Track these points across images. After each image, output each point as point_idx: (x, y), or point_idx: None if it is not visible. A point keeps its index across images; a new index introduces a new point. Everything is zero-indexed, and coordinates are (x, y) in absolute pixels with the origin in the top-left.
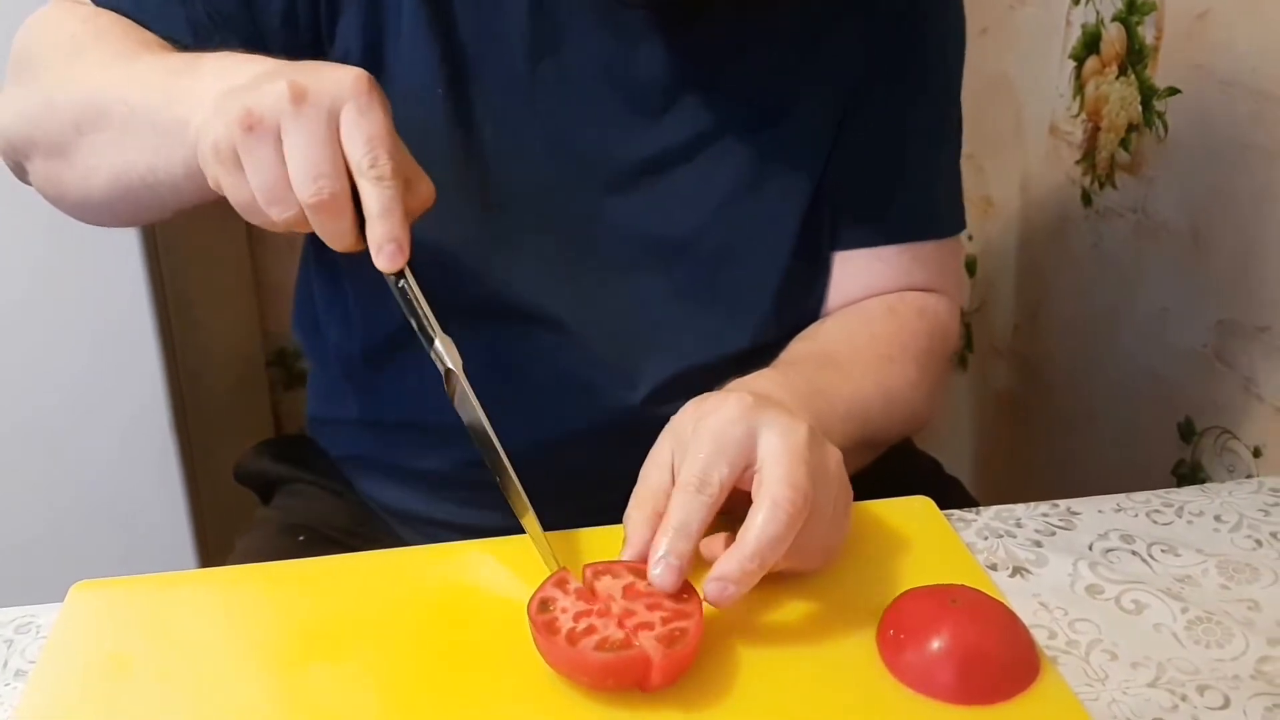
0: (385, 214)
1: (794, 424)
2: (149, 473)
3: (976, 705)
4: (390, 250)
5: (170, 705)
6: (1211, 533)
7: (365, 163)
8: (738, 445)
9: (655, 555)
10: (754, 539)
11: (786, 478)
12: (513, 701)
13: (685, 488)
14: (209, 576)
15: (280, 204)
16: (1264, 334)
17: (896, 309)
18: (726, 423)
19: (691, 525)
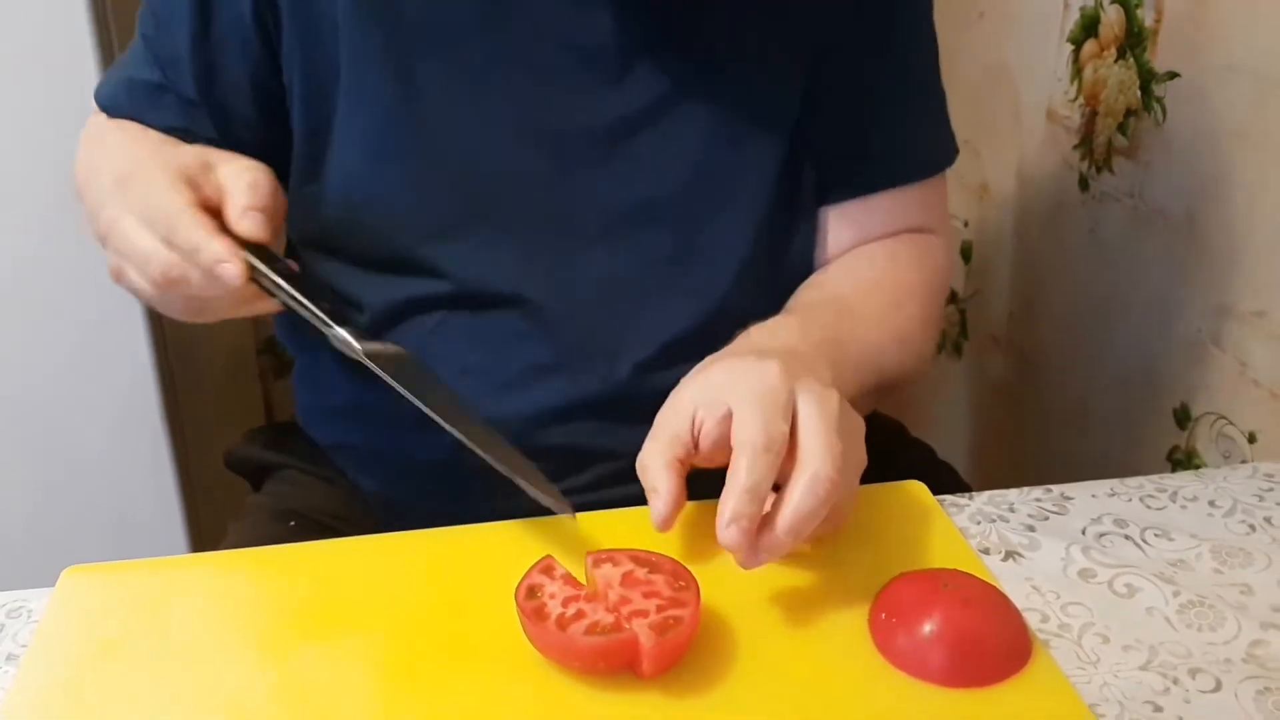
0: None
1: (827, 393)
2: (141, 460)
3: (968, 688)
4: (223, 270)
5: (162, 689)
6: (1205, 518)
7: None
8: (787, 407)
9: (726, 517)
10: (792, 514)
11: (826, 453)
12: (504, 686)
13: (753, 448)
14: (200, 561)
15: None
16: (1260, 319)
17: (897, 254)
18: (773, 387)
19: (762, 487)
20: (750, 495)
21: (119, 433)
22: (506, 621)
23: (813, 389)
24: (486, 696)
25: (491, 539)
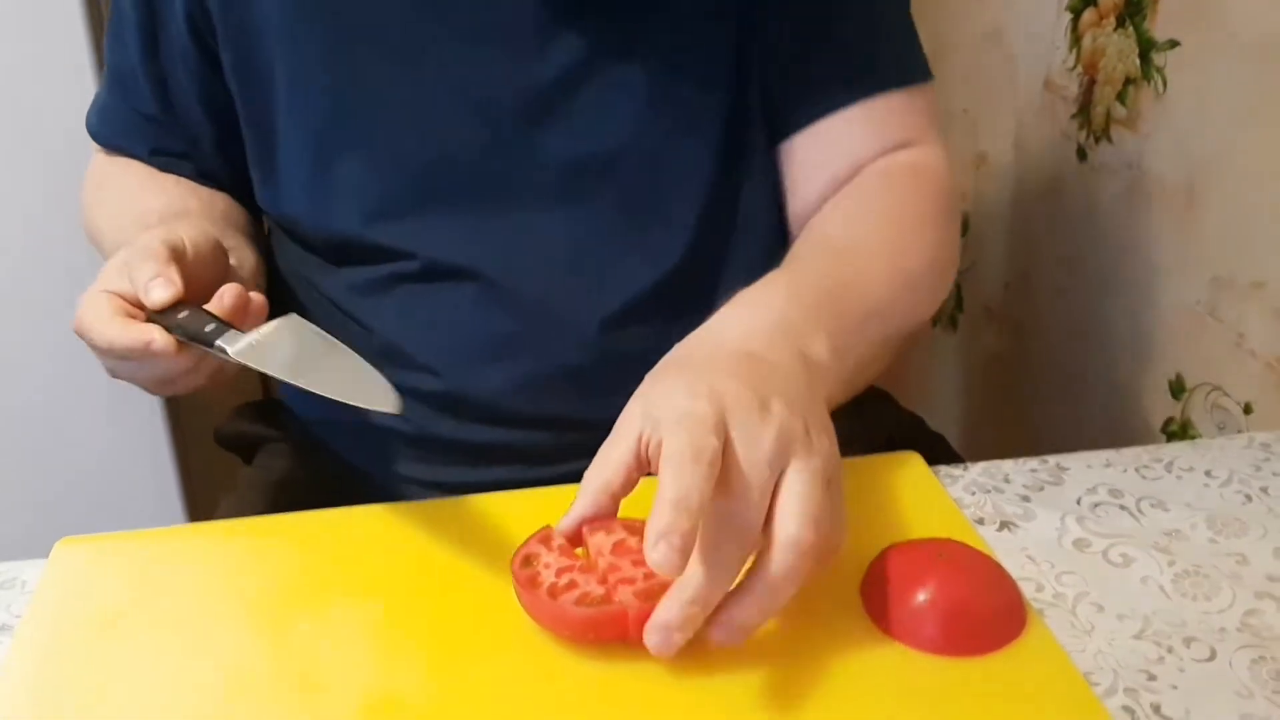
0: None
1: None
2: (137, 434)
3: (962, 657)
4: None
5: (157, 660)
6: (1201, 488)
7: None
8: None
9: (651, 537)
10: (689, 584)
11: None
12: (499, 654)
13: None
14: (194, 532)
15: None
16: (1259, 290)
17: (890, 175)
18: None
19: (692, 498)
20: (675, 507)
21: (116, 406)
22: (500, 591)
23: (743, 427)
24: (481, 664)
25: (490, 509)
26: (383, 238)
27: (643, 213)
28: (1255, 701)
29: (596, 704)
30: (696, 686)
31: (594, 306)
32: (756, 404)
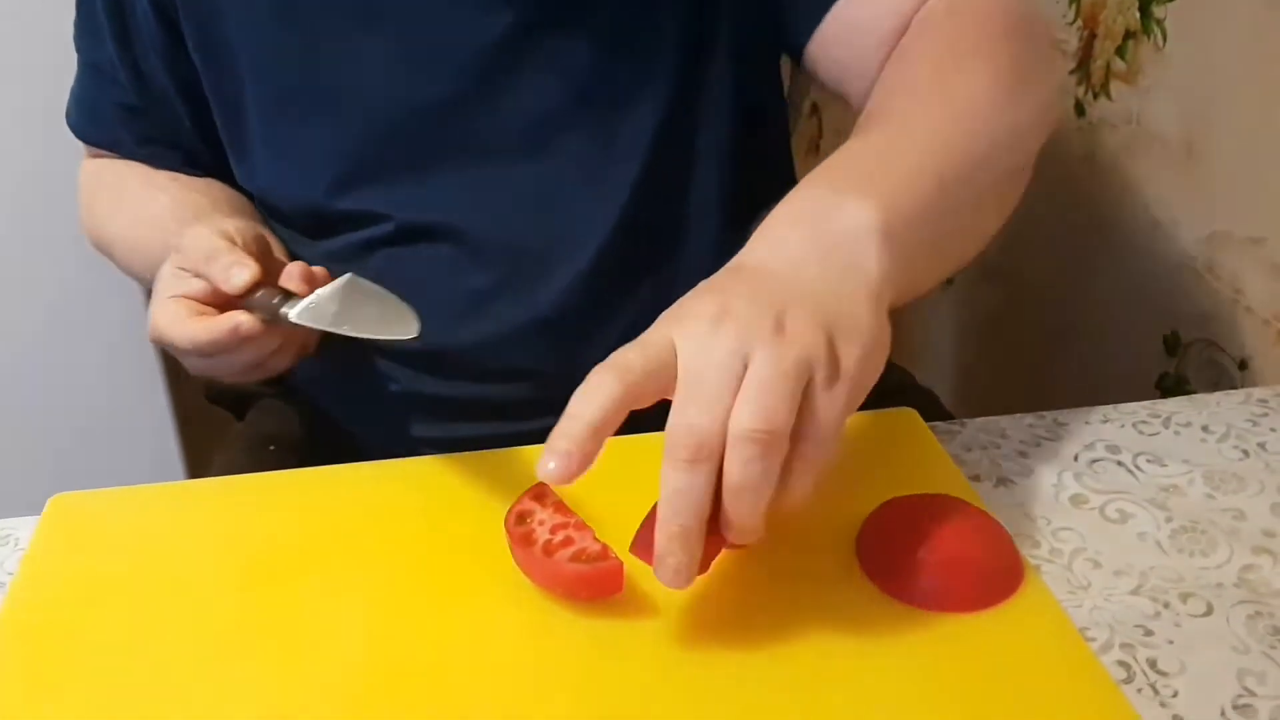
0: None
1: (786, 337)
2: (135, 389)
3: (958, 613)
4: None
5: (150, 618)
6: (1199, 443)
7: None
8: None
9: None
10: (732, 492)
11: (757, 408)
12: (492, 611)
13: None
14: (187, 488)
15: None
16: (1257, 246)
17: (925, 28)
18: (711, 357)
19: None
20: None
21: (113, 361)
22: (498, 547)
23: (768, 335)
24: (475, 622)
25: (484, 466)
26: (353, 203)
27: (606, 159)
28: (1251, 656)
29: (593, 660)
30: (690, 641)
31: (566, 255)
32: (711, 311)
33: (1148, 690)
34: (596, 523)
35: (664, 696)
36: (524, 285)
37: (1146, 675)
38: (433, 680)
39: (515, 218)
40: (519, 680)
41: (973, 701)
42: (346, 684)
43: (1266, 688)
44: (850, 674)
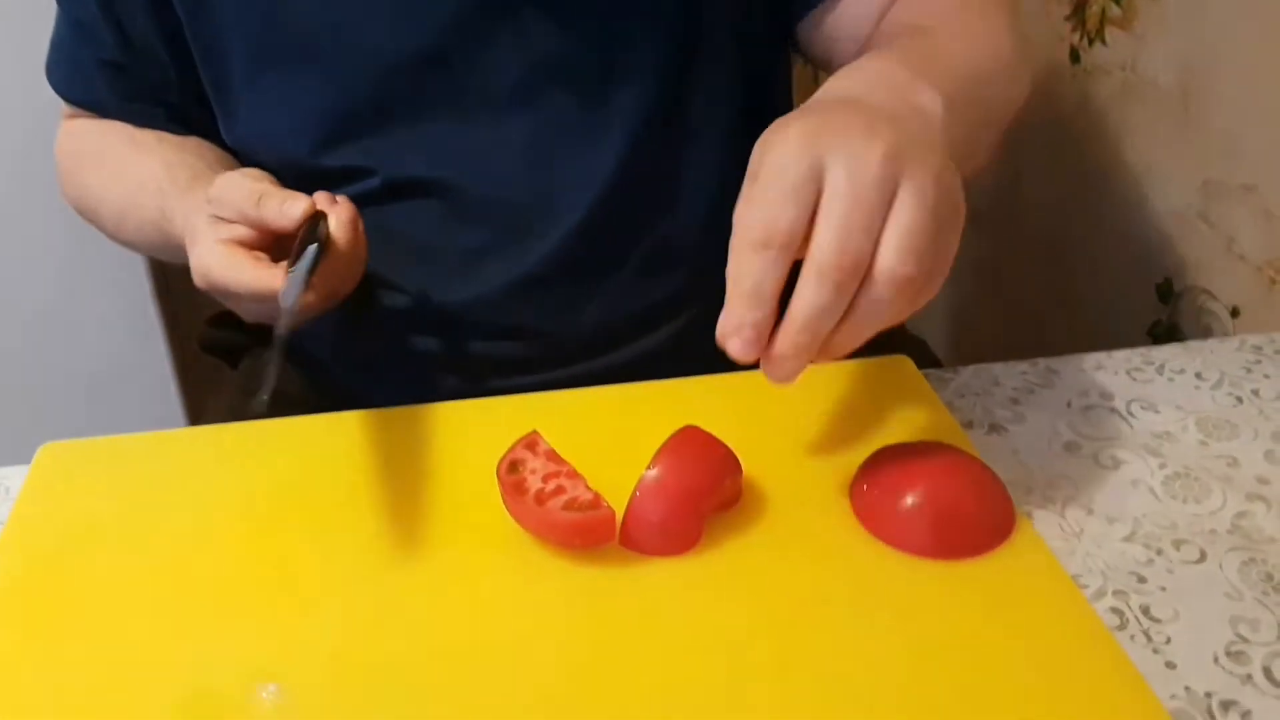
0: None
1: (867, 146)
2: (133, 336)
3: (951, 560)
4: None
5: (140, 566)
6: (1192, 390)
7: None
8: (800, 182)
9: (722, 330)
10: (801, 314)
11: (836, 239)
12: (485, 560)
13: (750, 244)
14: (177, 437)
15: None
16: (1250, 193)
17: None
18: (787, 161)
19: (765, 288)
20: (747, 300)
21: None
22: (490, 496)
23: (844, 148)
24: (467, 571)
25: (475, 415)
26: (340, 158)
27: (600, 111)
28: (1244, 603)
29: (585, 609)
30: (684, 588)
31: (558, 213)
32: (861, 127)
33: (1141, 637)
34: (589, 471)
35: (655, 644)
36: (515, 243)
37: (1139, 622)
38: (424, 628)
39: (506, 174)
40: (511, 629)
41: (965, 649)
42: (336, 632)
43: (1259, 634)
44: (843, 621)
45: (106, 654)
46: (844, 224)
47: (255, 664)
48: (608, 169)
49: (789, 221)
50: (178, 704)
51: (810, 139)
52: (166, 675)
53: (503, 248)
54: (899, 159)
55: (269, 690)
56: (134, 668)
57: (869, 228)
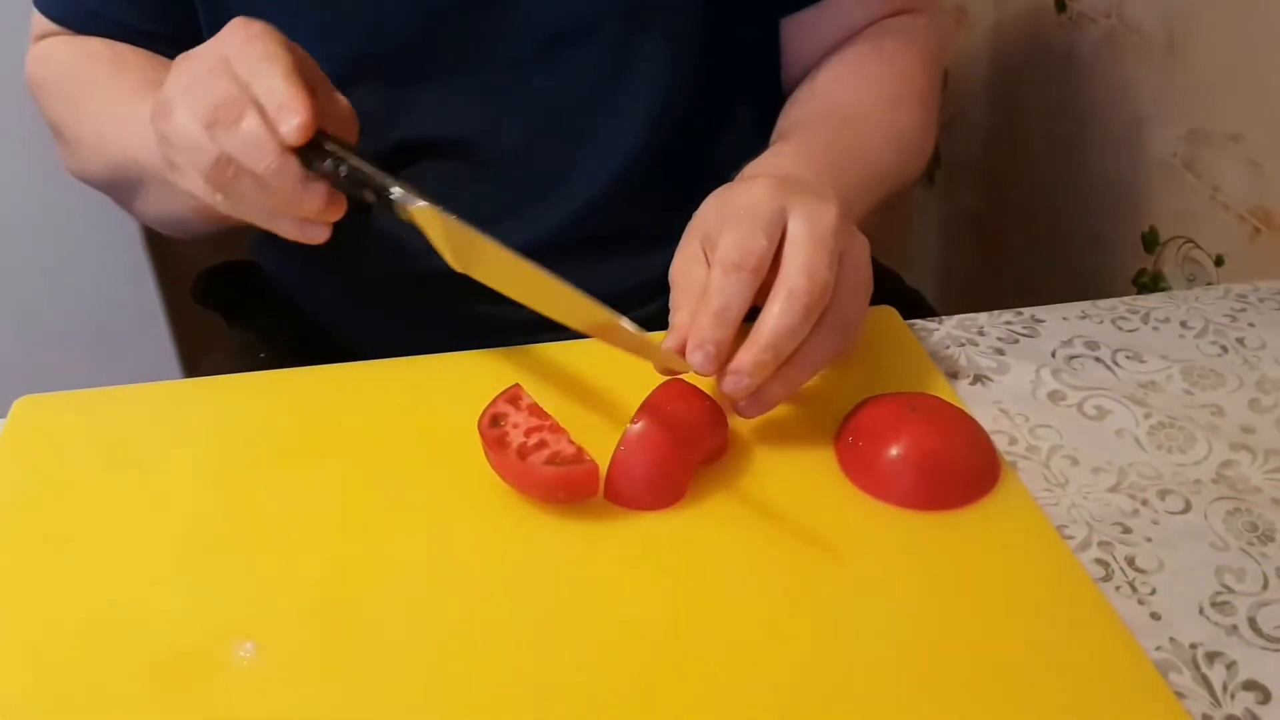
0: (272, 92)
1: (823, 207)
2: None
3: (935, 511)
4: (284, 112)
5: (117, 521)
6: (1177, 339)
7: (243, 67)
8: (771, 220)
9: (694, 341)
10: (769, 330)
11: (806, 267)
12: (467, 514)
13: (724, 267)
14: (158, 391)
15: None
16: (1235, 142)
17: (883, 45)
18: (758, 201)
19: (732, 308)
20: (718, 318)
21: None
22: (472, 450)
23: (805, 203)
24: (449, 525)
25: (458, 368)
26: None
27: (624, 79)
28: (1230, 554)
29: (568, 564)
30: (668, 541)
31: (578, 178)
32: (814, 191)
33: (1126, 588)
34: (572, 425)
35: (640, 599)
36: (527, 210)
37: (1125, 573)
38: (404, 585)
39: (523, 139)
40: (494, 584)
41: (949, 600)
42: (315, 589)
43: (1245, 584)
44: (827, 572)
45: (81, 611)
46: (811, 257)
47: (232, 622)
48: (629, 142)
49: (762, 249)
50: (153, 662)
51: (776, 189)
52: (142, 634)
53: (515, 214)
54: (845, 223)
55: (246, 648)
56: (108, 626)
57: (830, 266)
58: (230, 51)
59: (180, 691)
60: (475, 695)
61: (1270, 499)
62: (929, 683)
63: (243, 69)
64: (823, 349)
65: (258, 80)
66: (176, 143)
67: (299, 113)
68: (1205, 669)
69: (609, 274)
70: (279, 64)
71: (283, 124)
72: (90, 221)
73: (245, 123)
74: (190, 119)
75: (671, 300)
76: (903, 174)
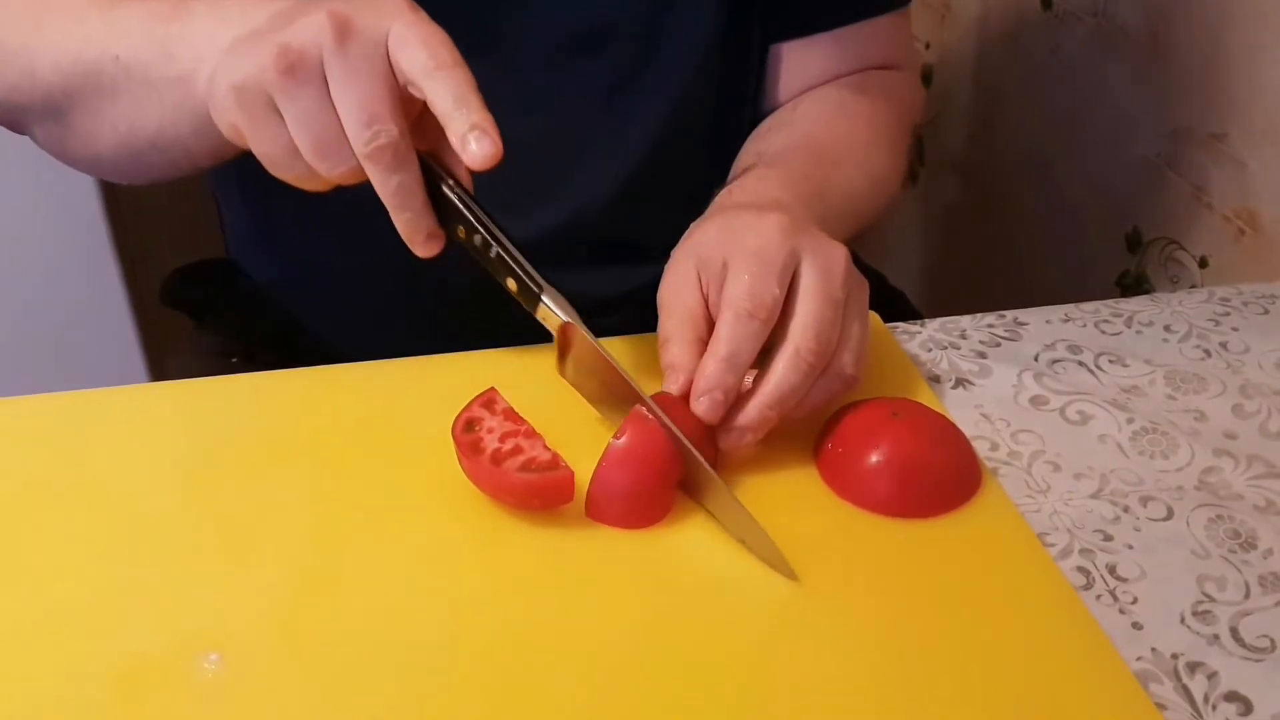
0: (460, 101)
1: (833, 254)
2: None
3: (916, 518)
4: (478, 138)
5: (76, 527)
6: (1160, 343)
7: (426, 66)
8: (784, 267)
9: (701, 387)
10: (773, 389)
11: (814, 325)
12: (439, 520)
13: (736, 313)
14: (119, 395)
15: (332, 157)
16: (1219, 142)
17: (867, 89)
18: (770, 243)
19: (742, 355)
20: (727, 365)
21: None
22: (447, 455)
23: (818, 250)
24: (421, 532)
25: (432, 372)
26: None
27: (631, 86)
28: (1211, 561)
29: (542, 572)
30: (643, 551)
31: (578, 182)
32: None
33: (1107, 596)
34: (549, 430)
35: (615, 606)
36: (531, 210)
37: (1106, 581)
38: (374, 594)
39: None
40: (466, 592)
41: (927, 610)
42: (282, 599)
43: (1226, 593)
44: (807, 580)
45: (41, 620)
46: (819, 315)
47: (196, 633)
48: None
49: (774, 299)
50: (116, 674)
51: (788, 230)
52: (104, 644)
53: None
54: (852, 267)
55: (211, 660)
56: (70, 636)
57: (836, 322)
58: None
59: (142, 703)
60: (446, 707)
61: (1252, 506)
62: (908, 693)
63: (423, 59)
64: (821, 397)
65: (444, 80)
66: (297, 122)
67: (493, 142)
68: (1186, 679)
69: (606, 279)
70: (467, 70)
71: (473, 145)
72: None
73: (405, 174)
74: (329, 120)
75: (660, 326)
76: (873, 212)
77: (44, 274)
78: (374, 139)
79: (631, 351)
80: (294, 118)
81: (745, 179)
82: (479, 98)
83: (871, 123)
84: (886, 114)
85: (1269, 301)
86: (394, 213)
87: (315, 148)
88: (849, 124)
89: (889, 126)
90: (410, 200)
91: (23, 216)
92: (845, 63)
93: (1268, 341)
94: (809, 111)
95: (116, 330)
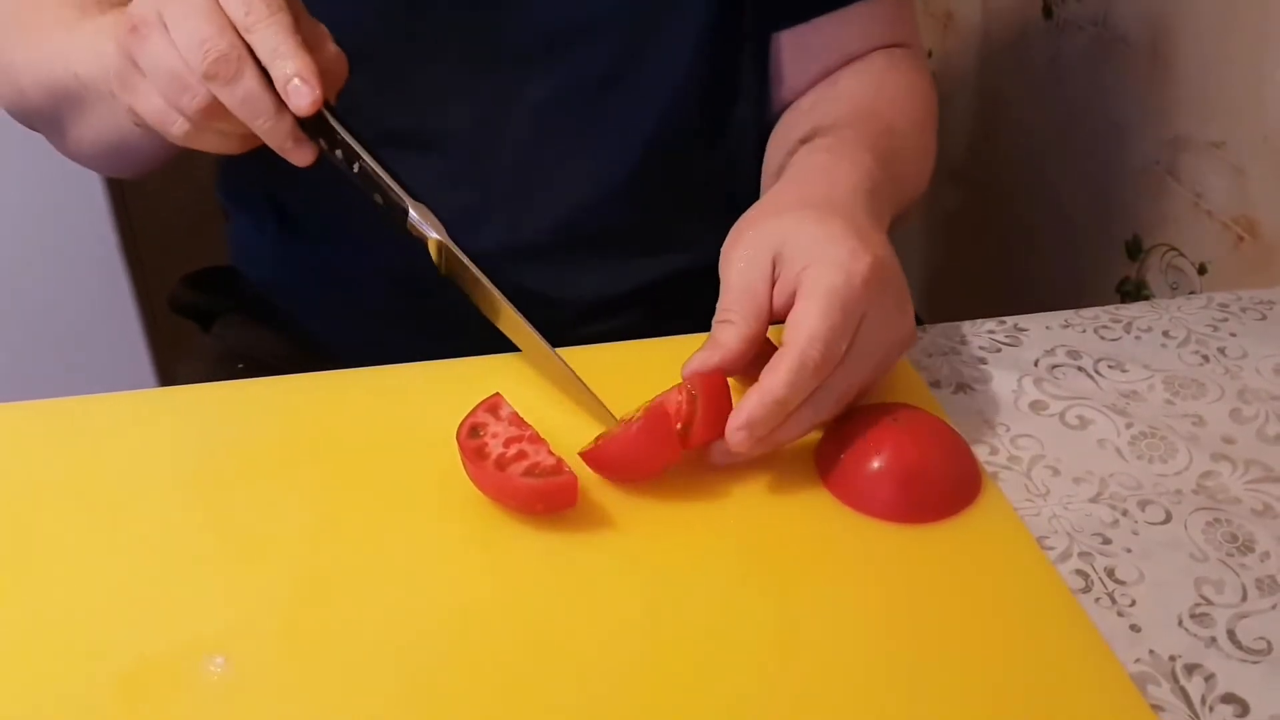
0: (276, 53)
1: (899, 321)
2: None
3: (916, 523)
4: (295, 88)
5: (82, 532)
6: (1159, 348)
7: (242, 13)
8: (856, 326)
9: (743, 418)
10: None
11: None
12: (444, 525)
13: (804, 362)
14: (125, 400)
15: (186, 91)
16: (1219, 149)
17: (898, 64)
18: (854, 293)
19: (792, 403)
20: (777, 408)
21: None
22: (452, 460)
23: (883, 315)
24: (426, 538)
25: (437, 377)
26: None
27: (622, 82)
28: (1209, 565)
29: (546, 576)
30: (646, 555)
31: (566, 181)
32: (893, 291)
33: (1105, 600)
34: (553, 435)
35: (617, 610)
36: (510, 211)
37: (1104, 584)
38: (379, 598)
39: (520, 134)
40: (470, 596)
41: (928, 614)
42: (287, 602)
43: (1224, 596)
44: (807, 586)
45: (48, 622)
46: (861, 382)
47: (202, 636)
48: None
49: (840, 355)
50: (122, 676)
51: (870, 273)
52: (110, 646)
53: (503, 211)
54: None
55: (216, 663)
56: (76, 638)
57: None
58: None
59: (147, 705)
60: (450, 710)
61: (1250, 510)
62: (908, 695)
63: (240, 12)
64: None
65: (260, 32)
66: (150, 69)
67: (311, 91)
68: (1184, 681)
69: (595, 278)
70: (285, 17)
71: (293, 96)
72: (65, 227)
73: (246, 82)
74: (172, 55)
75: (721, 300)
76: (921, 185)
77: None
78: (206, 56)
79: (639, 358)
80: (148, 66)
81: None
82: (293, 43)
83: (914, 96)
84: (924, 92)
85: (1267, 307)
86: (251, 125)
87: (169, 86)
88: (904, 99)
89: (928, 106)
90: (260, 107)
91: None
92: (852, 44)
93: (1266, 347)
94: (859, 86)
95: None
